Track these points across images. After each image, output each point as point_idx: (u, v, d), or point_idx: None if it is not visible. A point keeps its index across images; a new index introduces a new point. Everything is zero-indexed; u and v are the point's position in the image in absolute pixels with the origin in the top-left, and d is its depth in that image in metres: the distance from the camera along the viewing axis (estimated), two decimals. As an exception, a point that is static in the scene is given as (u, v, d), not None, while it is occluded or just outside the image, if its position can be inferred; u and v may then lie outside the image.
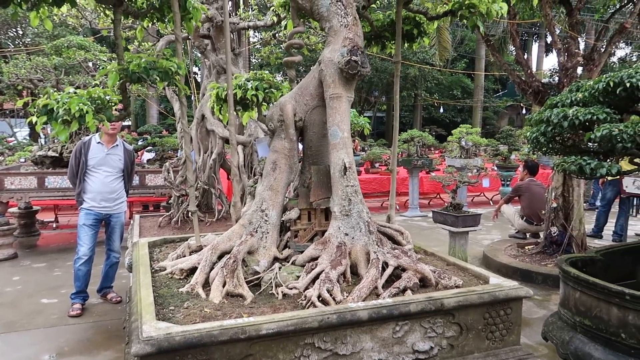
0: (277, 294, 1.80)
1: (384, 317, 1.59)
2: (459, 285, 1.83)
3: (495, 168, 9.99)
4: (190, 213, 2.20)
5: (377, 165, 13.38)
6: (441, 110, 22.78)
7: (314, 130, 2.15)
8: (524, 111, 22.85)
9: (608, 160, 2.96)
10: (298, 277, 1.88)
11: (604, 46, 6.14)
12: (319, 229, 2.06)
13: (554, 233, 6.34)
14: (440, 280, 1.83)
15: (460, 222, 6.47)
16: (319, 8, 2.09)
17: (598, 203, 8.39)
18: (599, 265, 3.39)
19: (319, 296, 1.64)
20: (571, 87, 3.81)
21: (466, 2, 2.34)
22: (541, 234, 7.22)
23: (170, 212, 4.30)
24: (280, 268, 1.91)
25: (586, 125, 3.05)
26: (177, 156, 6.63)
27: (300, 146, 2.29)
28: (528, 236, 7.70)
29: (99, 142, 3.47)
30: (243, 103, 2.24)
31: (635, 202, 8.26)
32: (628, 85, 2.88)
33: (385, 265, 1.82)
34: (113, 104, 1.87)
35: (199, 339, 1.39)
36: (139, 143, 9.51)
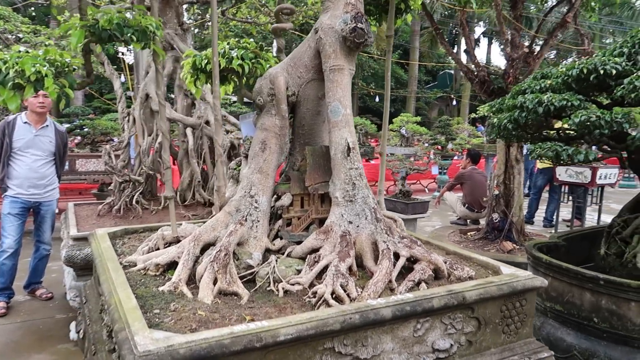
0: (277, 290, 1.57)
1: (407, 314, 1.42)
2: (472, 276, 1.70)
3: (432, 157, 10.22)
4: (167, 199, 1.90)
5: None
6: (377, 99, 23.11)
7: (308, 107, 1.93)
8: (454, 102, 23.72)
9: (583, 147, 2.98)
10: (298, 271, 1.66)
11: (545, 39, 6.31)
12: (316, 216, 1.85)
13: (495, 219, 6.52)
14: (453, 271, 1.69)
15: (410, 209, 6.48)
16: (314, -31, 1.86)
17: (526, 190, 8.80)
18: (562, 251, 3.45)
19: (332, 292, 1.44)
20: (536, 75, 3.82)
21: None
22: (481, 221, 7.45)
23: (110, 200, 3.91)
24: (276, 261, 1.68)
25: (555, 113, 3.05)
26: (118, 139, 6.12)
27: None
28: (469, 222, 7.92)
29: (25, 122, 3.06)
30: (222, 75, 1.97)
31: (564, 190, 8.73)
32: (602, 72, 2.89)
33: (396, 255, 1.64)
34: (74, 68, 1.54)
35: (208, 351, 1.14)
36: (65, 126, 8.79)
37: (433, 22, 6.20)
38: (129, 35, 1.51)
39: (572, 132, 3.48)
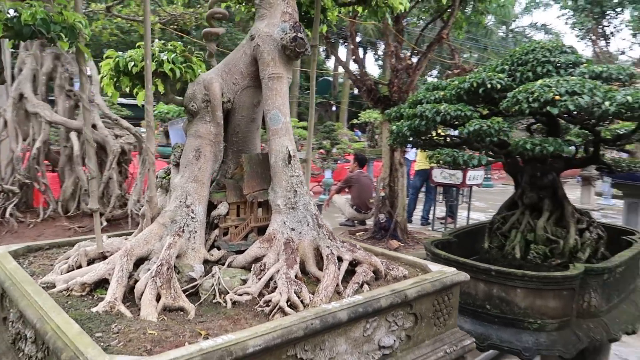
0: (225, 302, 1.53)
1: (359, 315, 1.48)
2: (406, 275, 1.81)
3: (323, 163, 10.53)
4: (92, 212, 1.74)
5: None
6: (259, 104, 23.08)
7: (243, 114, 1.90)
8: (333, 108, 24.65)
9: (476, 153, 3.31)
10: (243, 280, 1.63)
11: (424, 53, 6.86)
12: (255, 224, 1.83)
13: (382, 220, 6.94)
14: (390, 271, 1.79)
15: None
16: (247, -25, 1.84)
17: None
18: (454, 246, 3.79)
19: (287, 300, 1.45)
20: (428, 86, 4.16)
21: (378, -8, 2.33)
22: (368, 222, 7.85)
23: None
24: (220, 272, 1.64)
25: (451, 122, 3.36)
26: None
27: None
28: (356, 223, 8.30)
29: None
30: (134, 76, 1.86)
31: (439, 190, 9.57)
32: (489, 86, 3.24)
33: (339, 259, 1.70)
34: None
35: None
36: None
37: (324, 34, 6.41)
38: (56, 32, 1.36)
39: (456, 139, 3.86)
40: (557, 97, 2.83)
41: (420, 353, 1.70)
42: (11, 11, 1.30)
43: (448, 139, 3.78)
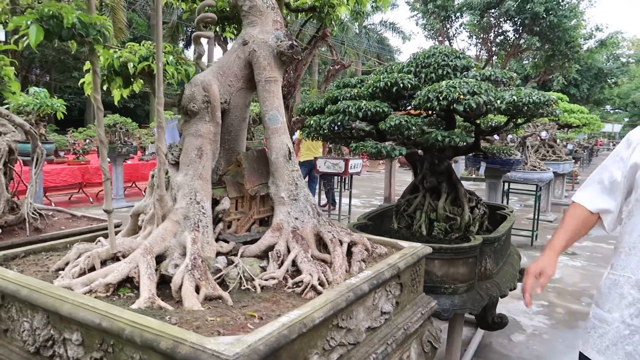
0: (254, 287, 1.68)
1: (374, 286, 1.74)
2: (386, 252, 2.12)
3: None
4: (106, 213, 1.71)
5: (62, 154, 12.05)
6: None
7: (236, 114, 2.01)
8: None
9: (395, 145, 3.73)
10: (262, 267, 1.79)
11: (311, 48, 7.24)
12: (258, 216, 1.97)
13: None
14: (374, 250, 2.08)
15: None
16: (236, -17, 1.96)
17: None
18: (370, 229, 4.22)
19: (318, 279, 1.65)
20: (338, 84, 4.52)
21: (328, 2, 2.58)
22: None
23: None
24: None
25: (370, 117, 3.75)
26: None
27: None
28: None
29: None
30: (126, 77, 1.89)
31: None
32: (401, 85, 3.69)
33: (340, 242, 1.93)
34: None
35: (277, 344, 1.24)
36: None
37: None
38: (94, 35, 1.36)
39: (362, 133, 4.28)
40: (462, 97, 3.35)
41: (406, 316, 2.03)
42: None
43: (354, 133, 4.17)
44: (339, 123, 3.81)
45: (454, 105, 3.37)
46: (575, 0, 17.13)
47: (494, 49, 19.18)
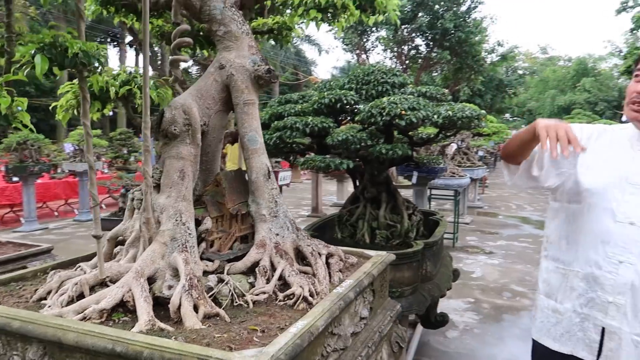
0: (247, 303, 1.76)
1: (357, 294, 1.88)
2: (356, 262, 2.27)
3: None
4: (95, 238, 1.69)
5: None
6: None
7: (214, 135, 2.06)
8: (110, 113, 22.93)
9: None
10: (250, 283, 1.86)
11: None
12: (239, 234, 2.03)
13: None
14: (347, 260, 2.22)
15: None
16: (211, 10, 2.02)
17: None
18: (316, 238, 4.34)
19: (310, 292, 1.76)
20: (280, 100, 4.64)
21: (285, 25, 2.71)
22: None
23: None
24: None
25: (317, 132, 3.91)
26: None
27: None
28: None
29: None
30: (104, 101, 1.89)
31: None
32: (345, 101, 3.90)
33: (319, 254, 2.05)
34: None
35: (295, 352, 1.34)
36: None
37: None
38: (95, 64, 1.37)
39: (301, 146, 4.44)
40: (404, 112, 3.61)
41: (378, 319, 2.19)
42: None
43: (294, 147, 4.32)
44: (292, 138, 3.91)
45: (396, 120, 3.62)
46: (479, 18, 18.60)
47: (407, 62, 20.24)
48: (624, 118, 1.87)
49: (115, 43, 27.82)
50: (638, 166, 1.75)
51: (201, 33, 2.36)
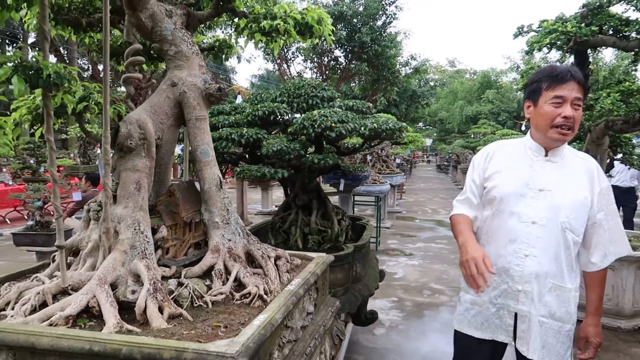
0: (206, 303, 1.90)
1: (305, 291, 2.09)
2: (300, 263, 2.48)
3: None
4: (59, 248, 1.74)
5: None
6: None
7: (167, 148, 2.17)
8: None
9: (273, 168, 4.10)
10: (207, 286, 2.00)
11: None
12: (193, 241, 2.16)
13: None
14: (292, 261, 2.42)
15: (53, 239, 6.31)
16: (162, 31, 2.15)
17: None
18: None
19: (264, 290, 1.95)
20: (212, 111, 4.76)
21: (226, 43, 2.88)
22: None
23: None
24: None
25: (252, 143, 4.09)
26: None
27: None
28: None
29: None
30: (59, 114, 1.96)
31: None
32: (278, 114, 4.12)
33: (268, 257, 2.24)
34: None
35: (260, 342, 1.53)
36: None
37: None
38: (67, 85, 1.46)
39: (233, 156, 4.61)
40: (334, 125, 3.89)
41: (321, 315, 2.41)
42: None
43: (226, 157, 4.48)
44: (228, 149, 4.03)
45: (327, 132, 3.88)
46: (394, 32, 19.63)
47: (327, 72, 20.85)
48: (522, 128, 2.24)
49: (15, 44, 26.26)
50: (536, 173, 2.09)
51: (151, 51, 2.47)
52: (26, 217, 11.98)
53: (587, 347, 2.14)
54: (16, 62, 1.40)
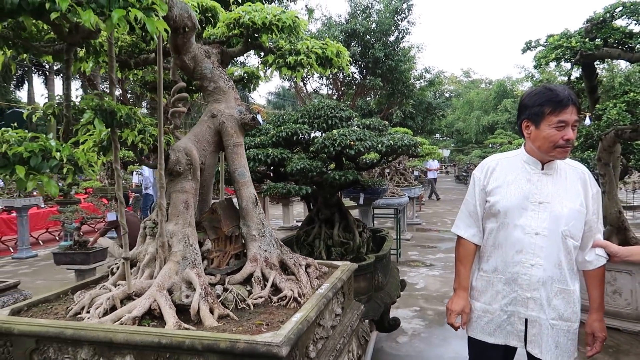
0: (248, 306, 2.19)
1: (334, 294, 2.36)
2: (327, 270, 2.75)
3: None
4: (125, 260, 2.06)
5: None
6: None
7: (209, 172, 2.49)
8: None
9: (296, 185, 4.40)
10: (248, 291, 2.30)
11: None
12: (233, 252, 2.46)
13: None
14: (321, 269, 2.70)
15: (92, 258, 6.67)
16: (202, 70, 2.48)
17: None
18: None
19: (298, 294, 2.23)
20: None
21: (254, 74, 3.21)
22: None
23: None
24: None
25: (277, 162, 4.39)
26: None
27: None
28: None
29: None
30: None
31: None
32: (300, 135, 4.42)
33: (300, 265, 2.53)
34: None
35: (300, 331, 1.81)
36: None
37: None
38: (134, 124, 1.78)
39: (259, 175, 4.91)
40: (353, 143, 4.18)
41: (348, 317, 2.68)
42: None
43: (253, 176, 4.78)
44: (256, 167, 4.34)
45: (347, 150, 4.18)
46: (407, 47, 19.96)
47: (342, 88, 21.24)
48: None
49: (40, 70, 27.75)
50: (535, 187, 2.24)
51: (191, 87, 2.81)
52: (57, 238, 12.50)
53: (594, 342, 2.32)
54: (95, 107, 1.72)
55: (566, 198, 2.20)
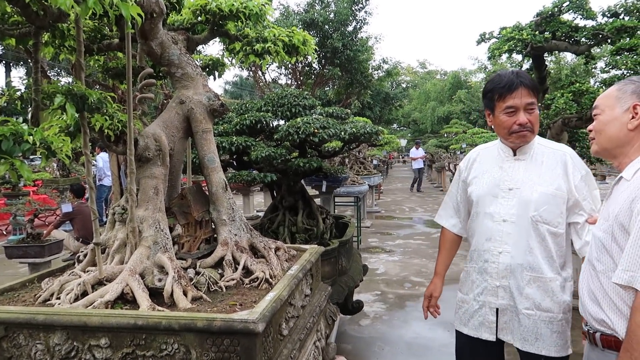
0: (221, 288, 2.24)
1: (303, 275, 2.44)
2: (296, 253, 2.83)
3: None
4: (96, 245, 2.05)
5: None
6: None
7: (177, 158, 2.50)
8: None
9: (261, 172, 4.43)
10: (220, 274, 2.34)
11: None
12: (203, 237, 2.49)
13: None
14: (289, 252, 2.77)
15: (46, 251, 6.52)
16: (170, 56, 2.48)
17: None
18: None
19: (270, 275, 2.29)
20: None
21: (219, 61, 3.22)
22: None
23: None
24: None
25: (240, 150, 4.41)
26: None
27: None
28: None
29: None
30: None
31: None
32: (264, 122, 4.45)
33: (269, 248, 2.59)
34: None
35: (274, 310, 1.87)
36: None
37: None
38: (103, 108, 1.78)
39: (222, 163, 4.90)
40: (316, 131, 4.26)
41: (317, 297, 2.76)
42: None
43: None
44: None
45: (310, 137, 4.25)
46: (365, 37, 20.15)
47: (301, 78, 21.23)
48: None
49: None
50: (506, 174, 2.18)
51: (159, 73, 2.79)
52: (5, 233, 12.00)
53: None
54: (66, 91, 1.72)
55: (538, 183, 2.11)
